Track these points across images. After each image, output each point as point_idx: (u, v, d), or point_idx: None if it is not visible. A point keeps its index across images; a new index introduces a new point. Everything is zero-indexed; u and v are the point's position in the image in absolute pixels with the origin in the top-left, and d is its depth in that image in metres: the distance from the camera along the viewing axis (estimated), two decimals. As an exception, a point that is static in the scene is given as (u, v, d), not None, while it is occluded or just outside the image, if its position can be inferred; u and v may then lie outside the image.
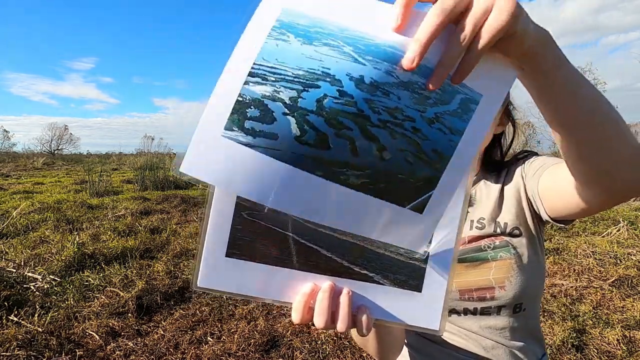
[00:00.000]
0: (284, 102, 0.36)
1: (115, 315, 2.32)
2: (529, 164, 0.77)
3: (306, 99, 0.36)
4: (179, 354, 1.98)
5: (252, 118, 0.37)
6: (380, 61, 0.36)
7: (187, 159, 0.38)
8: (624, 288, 2.70)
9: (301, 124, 0.37)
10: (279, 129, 0.37)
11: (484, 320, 0.80)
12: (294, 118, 0.37)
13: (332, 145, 0.37)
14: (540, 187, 0.70)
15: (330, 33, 0.36)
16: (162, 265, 3.15)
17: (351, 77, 0.36)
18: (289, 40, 0.36)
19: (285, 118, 0.37)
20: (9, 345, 1.90)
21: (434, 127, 0.39)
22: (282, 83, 0.36)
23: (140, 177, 8.07)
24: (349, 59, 0.36)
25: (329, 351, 2.00)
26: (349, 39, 0.36)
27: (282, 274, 0.43)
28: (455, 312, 0.81)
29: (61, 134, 38.73)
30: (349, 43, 0.36)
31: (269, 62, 0.36)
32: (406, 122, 0.38)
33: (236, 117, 0.37)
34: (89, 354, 1.94)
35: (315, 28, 0.36)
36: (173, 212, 5.42)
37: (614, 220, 4.34)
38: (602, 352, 1.98)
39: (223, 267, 0.42)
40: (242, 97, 0.36)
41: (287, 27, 0.36)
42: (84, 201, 5.97)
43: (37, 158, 20.46)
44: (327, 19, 0.36)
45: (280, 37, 0.36)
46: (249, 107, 0.36)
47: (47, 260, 3.20)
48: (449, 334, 0.84)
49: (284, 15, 0.36)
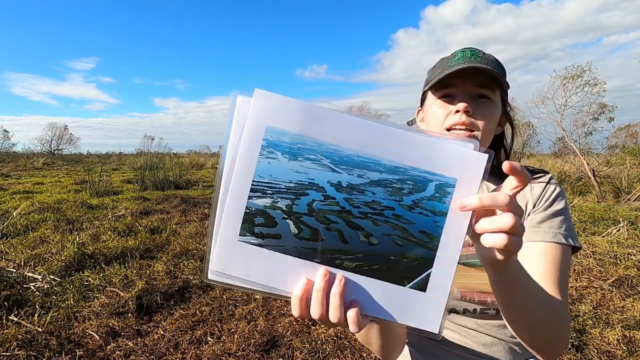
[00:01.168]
0: (282, 210, 0.46)
1: (115, 315, 2.32)
2: (531, 217, 0.77)
3: (299, 205, 0.46)
4: (179, 354, 1.98)
5: (259, 224, 0.46)
6: (352, 168, 0.46)
7: (214, 266, 0.46)
8: (624, 288, 2.70)
9: (297, 224, 0.46)
10: (281, 230, 0.46)
11: (483, 320, 0.80)
12: (292, 220, 0.46)
13: (324, 237, 0.46)
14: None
15: (310, 148, 0.46)
16: (162, 265, 3.15)
17: (331, 183, 0.46)
18: (277, 158, 0.45)
19: (285, 221, 0.46)
20: (9, 345, 1.90)
21: (415, 212, 0.46)
22: (279, 195, 0.46)
23: (140, 177, 8.07)
24: (327, 169, 0.46)
25: (329, 351, 2.00)
26: (326, 152, 0.46)
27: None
28: (454, 311, 0.81)
29: (61, 134, 38.75)
30: (326, 156, 0.46)
31: (265, 179, 0.45)
32: (386, 211, 0.46)
33: (247, 225, 0.45)
34: (89, 354, 1.94)
35: (298, 145, 0.45)
36: (173, 212, 5.42)
37: (614, 220, 4.34)
38: (602, 352, 1.98)
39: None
40: (249, 210, 0.45)
41: (274, 146, 0.45)
42: (84, 201, 5.97)
43: (37, 158, 20.47)
44: (305, 134, 0.45)
45: (270, 156, 0.45)
46: (255, 216, 0.45)
47: (47, 260, 3.20)
48: (448, 331, 0.84)
49: (269, 134, 0.45)
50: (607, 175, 7.35)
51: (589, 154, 7.27)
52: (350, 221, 0.46)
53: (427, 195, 0.45)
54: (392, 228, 0.46)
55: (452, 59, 0.79)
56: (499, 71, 0.77)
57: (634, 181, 6.64)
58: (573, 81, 7.12)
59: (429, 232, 0.45)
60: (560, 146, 8.35)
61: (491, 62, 0.76)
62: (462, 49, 0.80)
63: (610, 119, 7.15)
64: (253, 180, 0.45)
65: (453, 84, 0.77)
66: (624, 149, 7.76)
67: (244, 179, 0.45)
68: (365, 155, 0.46)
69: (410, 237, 0.45)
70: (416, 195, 0.46)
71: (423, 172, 0.46)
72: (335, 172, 0.46)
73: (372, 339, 0.70)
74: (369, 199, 0.46)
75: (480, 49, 0.79)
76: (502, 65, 0.81)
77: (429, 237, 0.45)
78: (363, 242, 0.46)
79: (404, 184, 0.46)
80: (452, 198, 0.45)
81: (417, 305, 0.46)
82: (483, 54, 0.78)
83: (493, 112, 0.77)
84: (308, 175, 0.46)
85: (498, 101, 0.79)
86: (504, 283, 0.54)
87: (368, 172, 0.46)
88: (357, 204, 0.46)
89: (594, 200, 6.17)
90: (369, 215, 0.46)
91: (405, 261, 0.45)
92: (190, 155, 28.54)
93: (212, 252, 0.45)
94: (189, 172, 10.52)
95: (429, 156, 0.46)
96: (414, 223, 0.45)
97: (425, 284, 0.45)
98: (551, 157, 9.69)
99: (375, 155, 0.46)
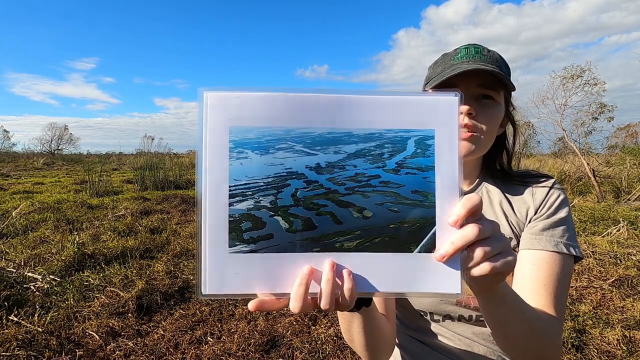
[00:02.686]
0: (267, 207, 0.43)
1: (115, 315, 2.32)
2: (532, 224, 0.75)
3: (282, 198, 0.43)
4: (179, 354, 1.98)
5: (247, 229, 0.43)
6: (327, 147, 0.44)
7: (208, 282, 0.43)
8: (624, 288, 2.70)
9: (286, 218, 0.43)
10: (271, 228, 0.43)
11: (478, 328, 0.79)
12: (280, 216, 0.43)
13: (318, 224, 0.43)
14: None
15: (279, 138, 0.44)
16: (162, 265, 3.15)
17: (310, 167, 0.44)
18: (248, 156, 0.43)
19: (273, 219, 0.43)
20: (9, 345, 1.90)
21: (402, 173, 0.44)
22: (259, 193, 0.43)
23: (140, 177, 8.07)
24: (302, 154, 0.44)
25: (329, 351, 2.00)
26: (296, 137, 0.44)
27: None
28: (449, 317, 0.80)
29: (61, 134, 38.73)
30: (297, 141, 0.44)
31: (241, 181, 0.43)
32: (372, 180, 0.44)
33: (234, 234, 0.43)
34: (89, 354, 1.94)
35: (265, 137, 0.43)
36: (173, 212, 5.42)
37: (614, 220, 4.34)
38: (602, 352, 1.98)
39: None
40: (233, 217, 0.43)
41: (242, 145, 0.43)
42: (84, 201, 5.97)
43: (37, 158, 20.46)
44: (271, 125, 0.43)
45: (240, 156, 0.43)
46: (241, 222, 0.43)
47: (47, 260, 3.19)
48: (442, 337, 0.83)
49: (234, 134, 0.43)
50: (607, 175, 7.34)
51: (589, 153, 7.27)
52: (339, 200, 0.44)
53: (409, 153, 0.44)
54: (383, 196, 0.44)
55: (455, 56, 0.76)
56: (504, 70, 0.74)
57: (634, 181, 6.64)
58: (573, 81, 7.12)
59: (422, 190, 0.43)
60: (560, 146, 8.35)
61: (496, 61, 0.74)
62: (466, 45, 0.76)
63: (609, 119, 7.15)
64: (229, 185, 0.43)
65: (456, 84, 0.74)
66: (624, 149, 7.76)
67: (219, 187, 0.43)
68: (337, 130, 0.44)
69: (404, 200, 0.43)
70: (398, 157, 0.44)
71: (398, 131, 0.44)
72: (311, 154, 0.44)
73: (356, 335, 0.65)
74: (352, 172, 0.44)
75: (484, 46, 0.76)
76: (507, 64, 0.78)
77: (423, 194, 0.43)
78: (357, 217, 0.43)
79: (382, 148, 0.44)
80: (434, 149, 0.44)
81: (430, 268, 0.43)
82: (487, 52, 0.75)
83: (496, 114, 0.75)
84: (284, 165, 0.44)
85: (502, 102, 0.76)
86: (492, 303, 0.54)
87: (344, 147, 0.44)
88: (341, 181, 0.44)
89: (594, 200, 6.17)
90: (356, 189, 0.44)
91: (406, 226, 0.43)
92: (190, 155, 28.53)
93: (204, 273, 0.42)
94: (189, 172, 10.50)
95: (399, 115, 0.44)
96: (403, 185, 0.44)
97: (434, 244, 0.43)
98: (551, 157, 9.69)
99: (346, 128, 0.44)
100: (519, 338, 0.59)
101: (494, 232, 0.42)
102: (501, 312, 0.55)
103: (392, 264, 0.43)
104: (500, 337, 0.61)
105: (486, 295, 0.52)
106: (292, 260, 0.43)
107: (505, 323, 0.57)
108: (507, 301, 0.54)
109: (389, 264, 0.43)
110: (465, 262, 0.42)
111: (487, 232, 0.42)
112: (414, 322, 0.87)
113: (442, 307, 0.79)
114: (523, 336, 0.59)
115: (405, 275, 0.43)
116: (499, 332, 0.60)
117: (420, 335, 0.86)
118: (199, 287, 0.43)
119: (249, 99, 0.43)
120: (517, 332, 0.58)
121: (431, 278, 0.43)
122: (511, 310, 0.56)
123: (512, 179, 0.82)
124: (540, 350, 0.61)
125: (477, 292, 0.52)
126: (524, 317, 0.57)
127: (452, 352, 0.81)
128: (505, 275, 0.45)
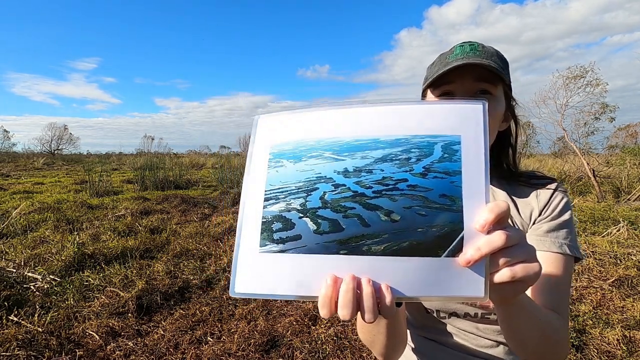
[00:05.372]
0: (296, 209, 0.46)
1: (115, 315, 2.32)
2: (537, 225, 0.76)
3: (311, 200, 0.46)
4: (179, 354, 1.98)
5: (277, 230, 0.45)
6: (354, 153, 0.47)
7: (238, 281, 0.45)
8: (624, 288, 2.70)
9: (314, 219, 0.45)
10: (300, 229, 0.45)
11: (483, 325, 0.80)
12: (308, 217, 0.45)
13: (345, 226, 0.44)
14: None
15: (311, 147, 0.48)
16: (162, 265, 3.15)
17: (338, 171, 0.46)
18: (284, 165, 0.48)
19: (302, 220, 0.45)
20: (9, 345, 1.90)
21: (429, 177, 0.44)
22: (290, 197, 0.46)
23: (140, 177, 8.07)
24: (331, 160, 0.47)
25: (329, 351, 2.00)
26: (326, 146, 0.48)
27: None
28: (455, 315, 0.81)
29: (61, 134, 38.71)
30: (326, 149, 0.48)
31: (276, 186, 0.47)
32: (399, 184, 0.45)
33: (265, 234, 0.46)
34: (89, 354, 1.94)
35: (299, 148, 0.49)
36: (173, 212, 5.42)
37: (614, 220, 4.34)
38: (602, 352, 1.98)
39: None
40: (265, 218, 0.46)
41: (279, 156, 0.49)
42: (84, 201, 5.97)
43: (37, 158, 20.46)
44: (304, 137, 0.49)
45: (277, 165, 0.48)
46: (272, 223, 0.46)
47: (47, 260, 3.20)
48: (448, 334, 0.83)
49: (274, 147, 0.50)
50: (607, 175, 7.34)
51: (589, 153, 7.27)
52: (366, 203, 0.44)
53: (436, 157, 0.44)
54: (411, 199, 0.43)
55: (450, 55, 0.76)
56: (500, 64, 0.74)
57: (634, 181, 6.64)
58: (575, 81, 7.11)
59: (450, 194, 0.43)
60: (560, 146, 8.34)
61: (491, 56, 0.73)
62: (461, 43, 0.76)
63: (611, 119, 7.14)
64: (265, 190, 0.47)
65: (451, 80, 0.74)
66: (624, 149, 7.76)
67: (256, 191, 0.48)
68: (364, 138, 0.47)
69: (431, 204, 0.43)
70: (425, 161, 0.44)
71: (424, 137, 0.45)
72: (339, 160, 0.47)
73: (379, 336, 0.66)
74: (379, 176, 0.45)
75: (479, 42, 0.76)
76: (504, 58, 0.77)
77: (451, 199, 0.43)
78: (385, 221, 0.43)
79: (409, 153, 0.45)
80: (461, 154, 0.44)
81: (456, 273, 0.42)
82: (482, 47, 0.75)
83: (495, 108, 0.74)
84: (314, 170, 0.47)
85: (500, 96, 0.75)
86: (510, 314, 0.54)
87: (371, 152, 0.46)
88: (369, 184, 0.45)
89: (594, 200, 6.17)
90: (384, 192, 0.44)
91: (434, 230, 0.42)
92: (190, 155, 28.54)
93: (236, 273, 0.45)
94: (189, 172, 10.51)
95: (426, 122, 0.45)
96: (431, 189, 0.43)
97: (460, 248, 0.42)
98: (551, 157, 9.68)
99: (372, 136, 0.46)
100: (537, 346, 0.59)
101: (520, 240, 0.42)
102: (518, 322, 0.56)
103: (420, 268, 0.42)
104: (513, 343, 0.61)
105: (505, 306, 0.52)
106: (319, 262, 0.43)
107: (522, 331, 0.57)
108: (525, 312, 0.55)
109: (417, 268, 0.42)
110: (489, 267, 0.42)
111: (514, 240, 0.41)
112: (419, 319, 0.88)
113: (448, 305, 0.80)
114: (539, 343, 0.59)
115: (432, 280, 0.42)
116: (516, 340, 0.60)
117: (426, 332, 0.87)
118: (232, 286, 0.45)
119: (286, 118, 0.50)
120: (534, 339, 0.58)
121: (456, 282, 0.42)
122: (529, 319, 0.56)
123: (518, 179, 0.81)
124: (554, 355, 0.62)
125: (498, 303, 0.51)
126: (540, 325, 0.58)
127: (458, 348, 0.82)
128: (528, 286, 0.44)
